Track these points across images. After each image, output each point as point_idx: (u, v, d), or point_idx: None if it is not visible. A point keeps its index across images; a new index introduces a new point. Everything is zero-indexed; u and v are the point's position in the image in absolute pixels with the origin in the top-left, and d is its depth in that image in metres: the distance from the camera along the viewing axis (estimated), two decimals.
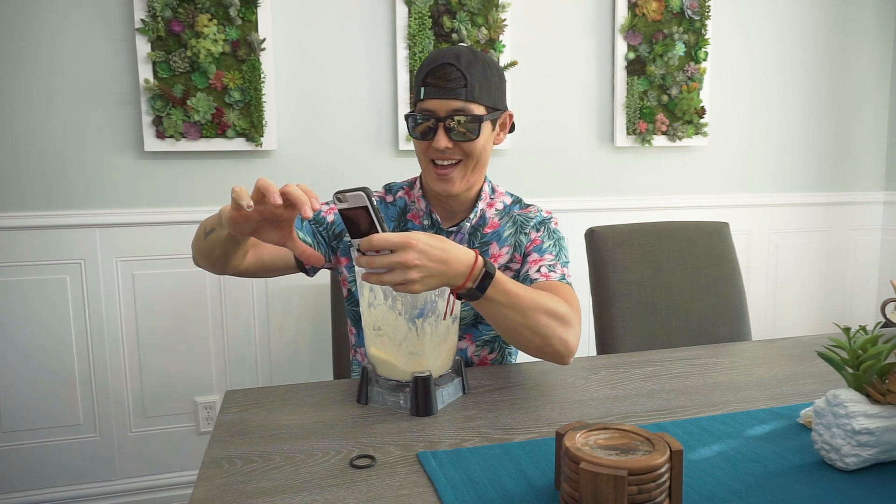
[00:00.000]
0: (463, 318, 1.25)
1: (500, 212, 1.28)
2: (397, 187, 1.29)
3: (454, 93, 1.10)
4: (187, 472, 2.06)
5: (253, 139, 1.94)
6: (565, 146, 2.29)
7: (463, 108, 1.11)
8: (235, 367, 2.06)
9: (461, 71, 1.10)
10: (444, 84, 1.09)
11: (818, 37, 2.53)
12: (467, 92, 1.10)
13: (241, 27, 1.90)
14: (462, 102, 1.10)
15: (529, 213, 1.30)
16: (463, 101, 1.10)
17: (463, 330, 1.26)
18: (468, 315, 1.25)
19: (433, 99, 1.11)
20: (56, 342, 1.92)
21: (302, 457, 0.83)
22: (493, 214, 1.27)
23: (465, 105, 1.11)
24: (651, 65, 2.26)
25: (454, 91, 1.10)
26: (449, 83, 1.09)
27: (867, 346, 0.79)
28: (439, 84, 1.10)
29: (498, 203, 1.29)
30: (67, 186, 1.89)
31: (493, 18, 2.09)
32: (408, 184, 1.29)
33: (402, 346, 0.97)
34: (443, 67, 1.10)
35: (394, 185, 1.30)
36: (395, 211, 1.26)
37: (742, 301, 1.68)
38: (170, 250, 1.97)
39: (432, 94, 1.10)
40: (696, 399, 1.03)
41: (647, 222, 1.69)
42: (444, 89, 1.10)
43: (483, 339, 1.28)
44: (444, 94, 1.10)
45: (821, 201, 2.61)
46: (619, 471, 0.61)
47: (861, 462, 0.76)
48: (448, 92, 1.10)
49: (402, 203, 1.27)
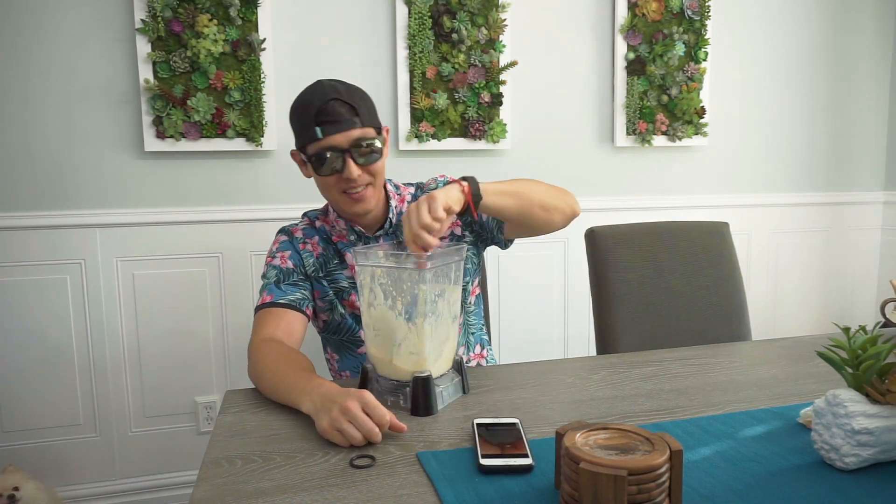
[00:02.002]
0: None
1: (410, 202, 1.32)
2: (314, 215, 1.34)
3: (350, 123, 1.15)
4: (187, 472, 2.06)
5: (253, 139, 1.94)
6: (565, 146, 2.29)
7: (362, 135, 1.16)
8: (235, 367, 2.06)
9: (347, 102, 1.15)
10: (338, 118, 1.14)
11: (818, 37, 2.52)
12: (360, 119, 1.16)
13: (241, 27, 1.90)
14: (359, 130, 1.16)
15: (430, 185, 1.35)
16: (360, 129, 1.16)
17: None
18: None
19: (333, 135, 1.14)
20: (56, 342, 1.92)
21: (302, 457, 0.83)
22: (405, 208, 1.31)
23: (362, 132, 1.16)
24: (651, 65, 2.26)
25: (350, 122, 1.15)
26: (342, 116, 1.14)
27: (867, 346, 0.79)
28: (333, 119, 1.14)
29: (406, 195, 1.33)
30: (67, 186, 1.89)
31: (493, 18, 2.09)
32: (321, 212, 1.34)
33: (402, 346, 0.97)
34: (330, 104, 1.14)
35: (310, 214, 1.35)
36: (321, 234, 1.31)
37: (742, 301, 1.68)
38: (170, 250, 1.97)
39: (330, 130, 1.14)
40: (696, 399, 1.03)
41: (647, 222, 1.69)
42: (339, 122, 1.14)
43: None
44: (341, 128, 1.14)
45: (821, 201, 2.61)
46: (618, 471, 0.61)
47: (861, 462, 0.76)
48: (344, 124, 1.14)
49: (323, 231, 1.31)
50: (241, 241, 2.02)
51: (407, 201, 1.33)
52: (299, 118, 1.18)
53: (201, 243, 1.99)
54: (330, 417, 0.85)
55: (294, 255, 1.27)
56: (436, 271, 0.96)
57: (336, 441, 0.85)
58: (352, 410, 0.84)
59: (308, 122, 1.15)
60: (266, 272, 1.27)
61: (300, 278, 1.26)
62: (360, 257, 1.00)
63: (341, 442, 0.85)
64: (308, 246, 1.29)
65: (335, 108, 1.14)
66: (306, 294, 1.24)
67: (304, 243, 1.29)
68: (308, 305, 1.24)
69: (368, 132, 1.17)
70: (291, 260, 1.27)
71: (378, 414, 0.85)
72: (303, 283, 1.25)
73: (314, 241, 1.30)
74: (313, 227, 1.32)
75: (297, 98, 1.20)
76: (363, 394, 0.87)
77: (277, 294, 1.22)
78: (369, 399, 0.86)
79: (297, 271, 1.26)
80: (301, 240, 1.30)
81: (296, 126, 1.20)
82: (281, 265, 1.26)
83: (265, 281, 1.25)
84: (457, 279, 1.02)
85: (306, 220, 1.34)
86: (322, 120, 1.14)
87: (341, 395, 0.88)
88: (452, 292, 1.01)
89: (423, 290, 0.94)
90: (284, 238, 1.31)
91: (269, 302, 1.21)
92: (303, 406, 0.93)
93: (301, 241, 1.30)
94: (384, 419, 0.85)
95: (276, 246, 1.30)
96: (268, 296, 1.22)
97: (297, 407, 0.95)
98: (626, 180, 2.37)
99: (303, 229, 1.32)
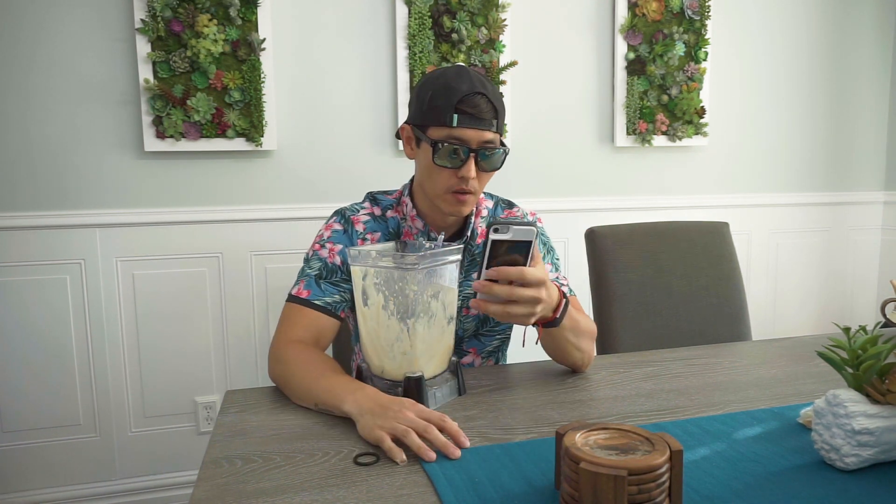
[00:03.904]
0: (465, 329, 1.24)
1: (485, 218, 1.27)
2: (386, 203, 1.24)
3: (487, 124, 1.08)
4: (187, 472, 2.06)
5: (253, 139, 1.94)
6: (565, 146, 2.29)
7: (493, 140, 1.10)
8: (235, 367, 2.06)
9: (492, 102, 1.09)
10: (478, 114, 1.07)
11: (818, 36, 2.52)
12: (497, 124, 1.10)
13: (241, 27, 1.90)
14: (493, 134, 1.10)
15: (516, 217, 1.29)
16: (493, 133, 1.10)
17: (467, 343, 1.25)
18: (470, 327, 1.24)
19: (467, 129, 1.08)
20: (56, 342, 1.92)
21: (302, 457, 0.83)
22: (480, 223, 1.25)
23: (494, 136, 1.11)
24: (651, 65, 2.26)
25: (487, 122, 1.08)
26: (483, 114, 1.08)
27: (867, 346, 0.79)
28: (474, 114, 1.07)
29: (483, 210, 1.27)
30: (67, 186, 1.89)
31: (493, 18, 2.09)
32: (395, 201, 1.25)
33: (395, 346, 0.97)
34: (475, 97, 1.07)
35: (381, 200, 1.25)
36: (386, 229, 1.22)
37: (742, 301, 1.68)
38: (170, 250, 1.97)
39: (466, 123, 1.07)
40: (696, 399, 1.03)
41: (647, 222, 1.69)
42: (479, 120, 1.08)
43: (487, 350, 1.28)
44: (478, 125, 1.08)
45: (821, 201, 2.60)
46: (618, 471, 0.61)
47: (861, 462, 0.76)
48: (482, 123, 1.08)
49: (393, 223, 1.22)
50: (241, 241, 2.02)
51: (482, 216, 1.26)
52: (436, 98, 1.08)
53: (201, 243, 1.99)
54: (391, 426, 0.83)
55: (345, 252, 1.17)
56: (428, 272, 0.96)
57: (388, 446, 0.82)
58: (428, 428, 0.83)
59: (446, 105, 1.07)
60: (310, 259, 1.18)
61: (343, 278, 1.17)
62: (354, 256, 1.00)
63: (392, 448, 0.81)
64: (367, 243, 1.19)
65: (479, 103, 1.07)
66: (345, 296, 1.16)
67: (363, 238, 1.20)
68: (344, 308, 1.17)
69: (497, 138, 1.11)
70: (341, 255, 1.17)
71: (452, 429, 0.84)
72: (345, 283, 1.16)
73: (375, 236, 1.20)
74: (379, 217, 1.22)
75: (436, 75, 1.12)
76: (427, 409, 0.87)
77: (315, 292, 1.14)
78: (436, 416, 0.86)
79: (341, 269, 1.17)
80: (361, 234, 1.20)
81: (427, 104, 1.10)
82: (328, 259, 1.17)
83: (307, 269, 1.17)
84: (452, 280, 1.02)
85: (370, 208, 1.23)
86: (463, 110, 1.07)
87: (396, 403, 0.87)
88: (448, 293, 1.01)
89: (415, 290, 0.94)
90: (340, 227, 1.21)
91: (305, 299, 1.14)
92: (344, 406, 0.91)
93: (361, 236, 1.20)
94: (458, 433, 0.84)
95: (328, 233, 1.20)
96: (305, 290, 1.14)
97: (337, 406, 0.92)
98: (626, 180, 2.37)
99: (365, 221, 1.21)
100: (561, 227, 2.29)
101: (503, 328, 1.27)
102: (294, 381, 1.02)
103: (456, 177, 1.10)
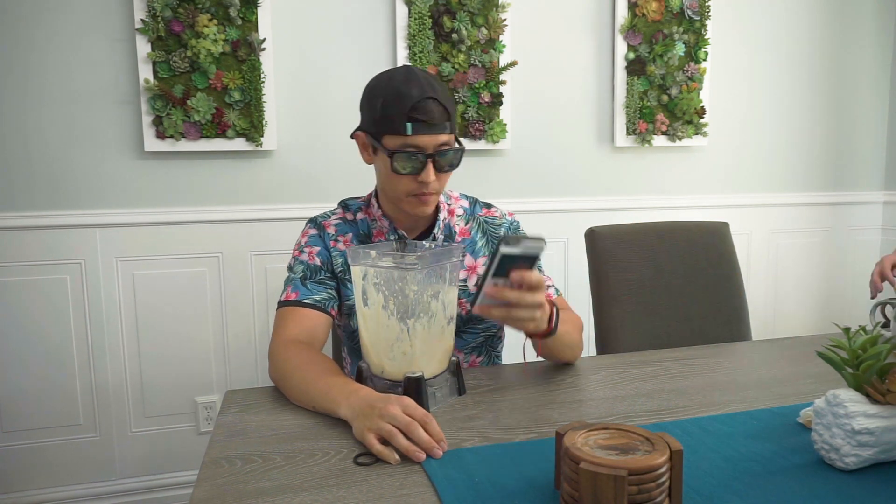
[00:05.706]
0: None
1: (462, 217, 1.28)
2: (355, 206, 1.28)
3: (440, 128, 1.09)
4: (187, 472, 2.06)
5: (253, 139, 1.94)
6: (565, 146, 2.29)
7: (448, 142, 1.12)
8: (235, 367, 2.06)
9: (443, 104, 1.09)
10: (431, 120, 1.08)
11: (818, 36, 2.52)
12: (450, 126, 1.11)
13: (241, 27, 1.90)
14: (447, 136, 1.11)
15: (494, 216, 1.31)
16: (447, 135, 1.11)
17: None
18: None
19: (422, 135, 1.08)
20: (56, 342, 1.92)
21: (302, 457, 0.83)
22: (457, 221, 1.27)
23: (448, 138, 1.12)
24: (651, 65, 2.26)
25: (441, 126, 1.09)
26: (435, 119, 1.08)
27: (867, 346, 0.79)
28: (427, 120, 1.08)
29: (457, 208, 1.29)
30: (67, 186, 1.89)
31: (493, 18, 2.09)
32: (364, 203, 1.28)
33: (395, 346, 0.97)
34: (426, 103, 1.07)
35: (351, 204, 1.28)
36: (357, 230, 1.25)
37: (742, 301, 1.68)
38: (170, 250, 1.97)
39: (420, 130, 1.08)
40: (696, 399, 1.03)
41: (647, 222, 1.69)
42: (432, 126, 1.08)
43: (471, 345, 1.28)
44: (432, 131, 1.08)
45: (821, 201, 2.61)
46: (618, 471, 0.61)
47: (861, 462, 0.76)
48: (435, 128, 1.09)
49: (363, 225, 1.25)
50: (241, 241, 2.02)
51: (457, 214, 1.28)
52: (388, 106, 1.08)
53: (201, 243, 1.99)
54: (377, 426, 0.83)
55: (323, 252, 1.22)
56: (428, 272, 0.96)
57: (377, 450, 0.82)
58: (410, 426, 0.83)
59: (398, 113, 1.07)
60: (293, 265, 1.22)
61: (327, 276, 1.20)
62: (354, 256, 1.00)
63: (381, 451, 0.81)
64: (339, 244, 1.23)
65: (430, 108, 1.07)
66: (332, 293, 1.19)
67: (336, 241, 1.23)
68: (333, 305, 1.19)
69: (452, 138, 1.12)
70: (320, 257, 1.21)
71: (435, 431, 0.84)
72: (329, 281, 1.20)
73: (346, 238, 1.24)
74: (350, 221, 1.26)
75: (383, 80, 1.12)
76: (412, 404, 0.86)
77: (303, 292, 1.17)
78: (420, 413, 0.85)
79: (324, 268, 1.20)
80: (332, 236, 1.24)
81: (378, 112, 1.10)
82: (308, 261, 1.20)
83: (291, 275, 1.20)
84: (452, 280, 1.02)
85: (341, 213, 1.27)
86: (415, 117, 1.07)
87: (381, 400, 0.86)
88: (448, 293, 1.01)
89: (415, 290, 0.94)
90: (314, 231, 1.25)
91: (294, 300, 1.16)
92: (339, 410, 0.91)
93: (332, 238, 1.23)
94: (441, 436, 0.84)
95: (305, 239, 1.24)
96: (293, 293, 1.17)
97: (333, 411, 0.93)
98: (626, 180, 2.37)
99: (336, 224, 1.25)
100: (561, 227, 2.29)
101: (487, 325, 1.28)
102: (292, 383, 1.03)
103: (416, 182, 1.12)
